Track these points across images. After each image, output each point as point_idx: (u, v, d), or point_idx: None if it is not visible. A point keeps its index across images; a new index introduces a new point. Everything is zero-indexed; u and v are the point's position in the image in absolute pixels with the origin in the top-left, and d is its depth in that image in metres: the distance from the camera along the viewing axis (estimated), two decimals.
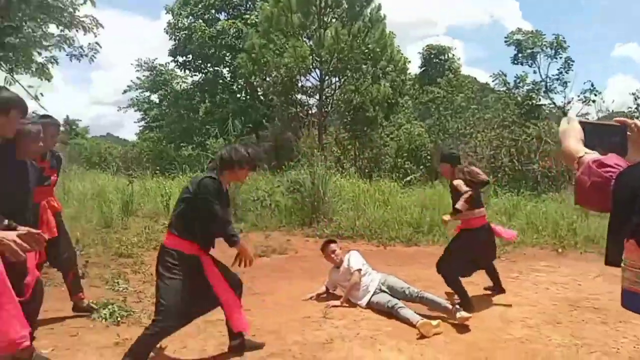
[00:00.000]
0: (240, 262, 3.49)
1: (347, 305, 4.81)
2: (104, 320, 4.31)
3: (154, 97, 32.21)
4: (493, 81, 19.84)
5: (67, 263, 4.40)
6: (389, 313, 4.46)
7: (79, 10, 6.86)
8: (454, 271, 4.79)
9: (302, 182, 10.25)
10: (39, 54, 7.01)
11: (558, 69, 20.14)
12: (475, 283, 5.19)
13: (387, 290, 4.75)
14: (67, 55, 7.46)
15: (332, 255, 5.17)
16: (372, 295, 4.74)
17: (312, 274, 6.18)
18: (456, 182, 4.79)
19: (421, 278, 5.64)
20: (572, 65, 20.07)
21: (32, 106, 6.97)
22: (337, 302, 4.87)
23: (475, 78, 30.96)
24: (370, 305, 4.70)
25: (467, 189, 4.68)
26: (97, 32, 7.16)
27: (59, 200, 4.45)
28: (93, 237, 7.78)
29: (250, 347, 3.69)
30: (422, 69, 28.58)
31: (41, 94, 7.23)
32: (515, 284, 5.77)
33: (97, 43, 7.68)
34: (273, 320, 4.39)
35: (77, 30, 7.01)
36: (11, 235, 2.23)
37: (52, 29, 7.09)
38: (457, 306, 4.36)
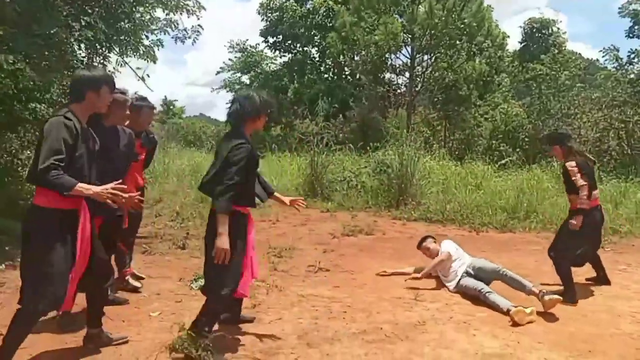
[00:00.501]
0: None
1: (434, 288, 4.73)
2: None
3: (245, 79, 33.26)
4: (603, 56, 18.00)
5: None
6: (478, 298, 4.33)
7: None
8: (566, 255, 4.52)
9: (389, 163, 10.13)
10: (147, 37, 7.47)
11: None
12: (577, 274, 4.86)
13: (472, 272, 4.61)
14: (172, 37, 7.88)
15: (427, 253, 5.13)
16: (460, 278, 4.63)
17: (400, 256, 6.14)
18: (570, 166, 4.45)
19: (516, 265, 5.38)
20: None
21: (138, 87, 7.50)
22: (418, 275, 4.82)
23: (580, 54, 28.64)
24: (458, 289, 4.61)
25: (583, 182, 4.33)
26: (200, 14, 7.46)
27: (160, 177, 4.72)
28: (191, 211, 8.30)
29: (244, 320, 3.74)
30: (523, 44, 26.82)
31: (147, 75, 7.73)
32: (623, 277, 5.37)
33: (199, 25, 8.00)
34: (363, 298, 4.43)
35: (181, 14, 7.36)
36: (98, 187, 2.68)
37: (159, 12, 7.53)
38: (545, 290, 4.11)
